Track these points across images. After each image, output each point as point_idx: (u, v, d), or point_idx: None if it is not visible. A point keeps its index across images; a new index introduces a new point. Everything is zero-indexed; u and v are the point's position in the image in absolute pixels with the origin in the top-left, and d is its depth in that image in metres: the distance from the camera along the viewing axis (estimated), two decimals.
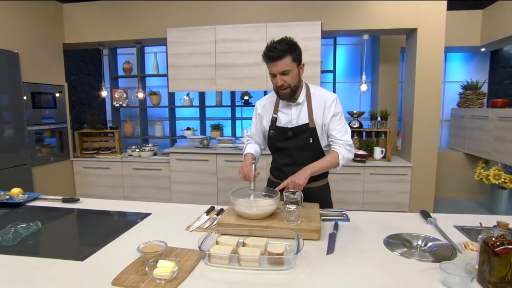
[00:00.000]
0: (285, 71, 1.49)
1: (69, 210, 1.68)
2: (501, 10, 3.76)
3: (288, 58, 1.48)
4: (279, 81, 1.52)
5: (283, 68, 1.49)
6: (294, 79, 1.54)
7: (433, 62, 3.29)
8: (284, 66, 1.48)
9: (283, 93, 1.56)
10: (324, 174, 1.74)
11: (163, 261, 1.01)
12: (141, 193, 4.00)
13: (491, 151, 3.61)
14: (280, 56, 1.46)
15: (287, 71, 1.50)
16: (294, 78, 1.53)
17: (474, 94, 4.21)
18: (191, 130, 4.82)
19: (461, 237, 1.33)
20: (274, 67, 1.50)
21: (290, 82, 1.52)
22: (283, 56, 1.47)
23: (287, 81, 1.52)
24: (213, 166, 3.77)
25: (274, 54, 1.47)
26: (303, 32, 3.47)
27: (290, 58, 1.48)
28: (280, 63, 1.48)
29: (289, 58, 1.48)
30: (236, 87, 3.75)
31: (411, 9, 3.26)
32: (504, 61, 4.31)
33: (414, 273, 1.06)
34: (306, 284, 0.99)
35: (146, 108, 5.04)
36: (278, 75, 1.51)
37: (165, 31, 3.74)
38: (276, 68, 1.49)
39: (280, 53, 1.46)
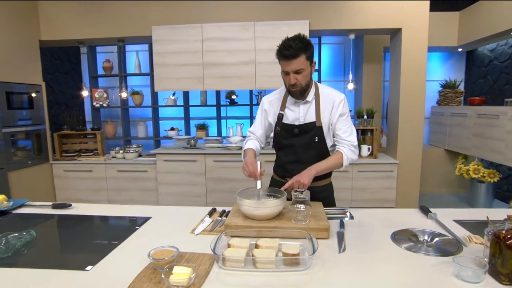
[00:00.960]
0: (299, 70, 1.49)
1: (63, 217, 1.59)
2: (476, 13, 3.94)
3: (302, 57, 1.47)
4: (292, 80, 1.51)
5: (298, 67, 1.48)
6: (306, 78, 1.54)
7: (417, 62, 3.39)
8: (299, 65, 1.47)
9: (295, 91, 1.56)
10: (327, 174, 1.74)
11: (178, 267, 0.97)
12: (126, 196, 3.87)
13: (471, 147, 3.77)
14: (295, 55, 1.45)
15: (301, 70, 1.49)
16: (306, 76, 1.53)
17: (453, 93, 4.39)
18: (176, 130, 4.72)
19: (462, 230, 1.37)
20: (288, 66, 1.49)
21: (302, 81, 1.52)
22: (298, 55, 1.45)
23: (299, 79, 1.51)
24: (201, 166, 3.71)
25: (289, 53, 1.45)
26: (291, 31, 3.41)
27: (304, 57, 1.47)
28: (294, 62, 1.47)
29: (303, 57, 1.47)
30: (223, 87, 3.70)
31: (395, 10, 3.34)
32: (479, 61, 4.51)
33: (427, 268, 1.08)
34: (325, 283, 0.98)
35: (128, 108, 4.88)
36: (291, 73, 1.50)
37: (149, 29, 3.63)
38: (290, 67, 1.48)
39: (295, 52, 1.45)
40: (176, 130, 4.74)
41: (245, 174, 1.52)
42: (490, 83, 4.25)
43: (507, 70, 3.95)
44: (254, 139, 1.76)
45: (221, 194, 3.72)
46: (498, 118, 3.30)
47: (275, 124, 1.71)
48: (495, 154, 3.37)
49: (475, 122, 3.69)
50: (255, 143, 1.73)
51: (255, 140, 1.76)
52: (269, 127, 1.75)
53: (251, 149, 1.67)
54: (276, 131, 1.70)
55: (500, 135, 3.28)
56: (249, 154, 1.64)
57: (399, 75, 3.48)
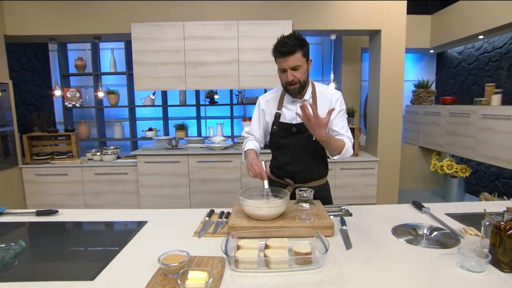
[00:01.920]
0: (296, 66, 1.50)
1: (51, 224, 1.48)
2: (446, 17, 4.15)
3: (299, 54, 1.48)
4: (289, 77, 1.51)
5: (294, 63, 1.49)
6: (304, 75, 1.55)
7: (395, 62, 3.52)
8: (295, 61, 1.48)
9: (293, 88, 1.56)
10: (324, 173, 1.76)
11: (193, 272, 0.94)
12: (105, 200, 3.71)
13: (444, 144, 3.98)
14: (291, 51, 1.46)
15: (298, 66, 1.50)
16: (303, 73, 1.54)
17: (426, 92, 4.60)
18: (154, 131, 4.60)
19: (456, 223, 1.44)
20: (285, 63, 1.49)
21: (300, 77, 1.53)
22: (294, 52, 1.46)
23: (297, 76, 1.52)
24: (184, 167, 3.63)
25: (286, 50, 1.46)
26: (274, 31, 3.49)
27: (301, 54, 1.49)
28: (291, 59, 1.47)
29: (299, 54, 1.48)
30: (206, 86, 3.65)
31: (376, 11, 3.45)
32: (449, 62, 4.77)
33: (432, 260, 1.12)
34: (341, 280, 0.99)
35: (103, 109, 4.68)
36: (288, 70, 1.51)
37: (128, 26, 3.50)
38: (287, 64, 1.49)
39: (292, 48, 1.46)
40: (154, 130, 4.62)
41: (250, 175, 1.50)
42: (459, 84, 4.50)
43: (474, 72, 4.20)
44: (253, 139, 1.75)
45: (205, 195, 3.66)
46: (469, 116, 3.50)
47: (272, 123, 1.70)
48: (466, 150, 3.58)
49: (448, 121, 3.89)
50: (255, 143, 1.71)
51: (254, 140, 1.74)
52: (267, 126, 1.74)
53: (252, 150, 1.66)
54: (273, 130, 1.69)
55: (471, 133, 3.48)
56: (252, 154, 1.63)
57: (378, 75, 3.60)
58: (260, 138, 1.76)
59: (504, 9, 3.19)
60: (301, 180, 1.70)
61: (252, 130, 1.77)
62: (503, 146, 3.08)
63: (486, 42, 3.99)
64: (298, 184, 1.69)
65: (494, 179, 3.93)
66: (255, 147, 1.69)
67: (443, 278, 1.01)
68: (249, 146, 1.68)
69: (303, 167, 1.68)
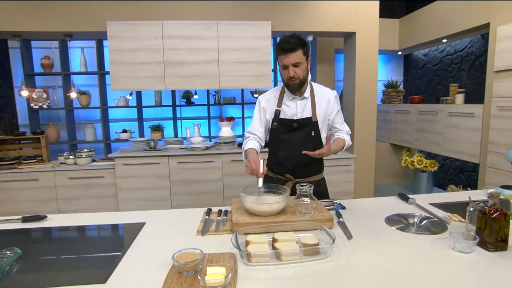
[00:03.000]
0: (297, 63, 1.60)
1: (43, 230, 1.41)
2: (413, 21, 4.42)
3: (299, 52, 1.59)
4: (291, 72, 1.61)
5: (296, 60, 1.59)
6: (304, 72, 1.65)
7: (369, 63, 3.70)
8: (297, 58, 1.59)
9: (293, 84, 1.65)
10: (321, 169, 1.84)
11: (211, 267, 0.95)
12: (80, 205, 3.55)
13: (413, 141, 4.23)
14: (293, 48, 1.57)
15: (299, 63, 1.60)
16: (304, 70, 1.64)
17: (395, 92, 4.86)
18: (128, 133, 4.48)
19: (440, 211, 1.56)
20: (287, 59, 1.59)
21: (300, 74, 1.63)
22: (296, 49, 1.58)
23: (297, 73, 1.62)
24: (164, 169, 3.56)
25: (288, 47, 1.57)
26: (254, 32, 3.53)
27: (301, 52, 1.60)
28: (293, 55, 1.58)
29: (300, 52, 1.59)
30: (186, 86, 3.60)
31: (351, 14, 3.60)
32: (415, 63, 5.07)
33: (426, 244, 1.21)
34: (350, 268, 1.05)
35: (73, 110, 4.48)
36: (290, 66, 1.60)
37: (103, 24, 3.37)
38: (289, 60, 1.59)
39: (294, 45, 1.57)
40: (129, 132, 4.49)
41: (247, 171, 1.53)
42: (425, 84, 4.81)
43: (439, 73, 4.51)
44: (254, 139, 1.79)
45: (187, 197, 3.62)
46: (437, 114, 3.76)
47: (272, 120, 1.77)
48: (434, 146, 3.84)
49: (417, 118, 4.15)
50: (255, 143, 1.76)
51: (254, 140, 1.79)
52: (268, 124, 1.81)
53: (253, 149, 1.71)
54: (273, 126, 1.76)
55: (438, 129, 3.74)
56: (253, 152, 1.68)
57: (354, 76, 3.75)
58: (261, 136, 1.81)
59: (464, 16, 3.47)
60: (300, 175, 1.77)
61: (254, 128, 1.81)
62: (467, 141, 3.35)
63: (448, 45, 4.30)
64: (297, 179, 1.76)
65: (458, 172, 4.24)
66: (256, 146, 1.74)
67: (439, 260, 1.10)
68: (250, 146, 1.73)
69: (303, 162, 1.75)
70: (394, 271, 1.02)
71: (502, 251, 1.14)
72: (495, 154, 2.96)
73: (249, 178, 3.56)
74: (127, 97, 4.23)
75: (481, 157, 3.17)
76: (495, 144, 2.97)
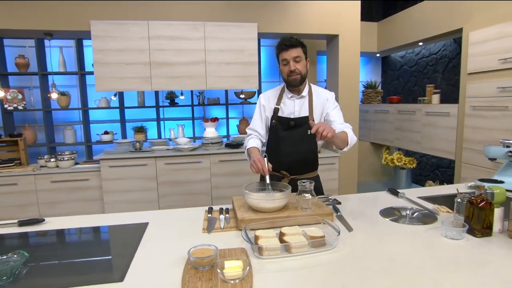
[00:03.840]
0: (297, 57, 1.69)
1: (45, 233, 1.38)
2: (390, 25, 4.63)
3: (299, 48, 1.69)
4: (292, 66, 1.69)
5: (296, 54, 1.68)
6: (304, 68, 1.73)
7: (352, 65, 3.84)
8: (297, 53, 1.68)
9: (294, 78, 1.72)
10: (316, 166, 1.91)
11: (229, 261, 0.98)
12: (63, 209, 3.44)
13: (393, 139, 4.43)
14: (294, 45, 1.67)
15: (299, 58, 1.69)
16: (304, 66, 1.73)
17: (374, 92, 5.06)
18: (110, 134, 4.38)
19: (429, 204, 1.67)
20: (288, 53, 1.68)
21: (301, 69, 1.71)
22: (295, 46, 1.68)
23: (298, 67, 1.70)
24: (152, 170, 3.53)
25: (289, 43, 1.67)
26: (241, 33, 3.57)
27: (301, 50, 1.69)
28: (293, 50, 1.68)
29: (300, 49, 1.69)
30: (173, 87, 3.59)
31: (334, 17, 3.72)
32: (392, 65, 5.30)
33: (420, 234, 1.31)
34: (356, 257, 1.11)
35: (51, 112, 4.33)
36: (291, 61, 1.68)
37: (87, 23, 3.30)
38: (290, 54, 1.68)
39: (294, 42, 1.67)
40: (111, 134, 4.40)
41: (253, 170, 1.58)
42: (402, 84, 5.03)
43: (415, 74, 4.74)
44: (255, 137, 1.85)
45: (175, 198, 3.60)
46: (415, 113, 3.96)
47: (271, 117, 1.83)
48: (413, 144, 4.03)
49: (396, 118, 4.34)
50: (257, 142, 1.82)
51: (256, 138, 1.84)
52: (268, 121, 1.87)
53: (255, 148, 1.76)
54: (272, 123, 1.82)
55: (417, 128, 3.94)
56: (255, 152, 1.73)
57: (337, 77, 3.88)
58: (262, 133, 1.87)
59: (439, 21, 3.68)
60: (296, 172, 1.83)
61: (255, 125, 1.87)
62: (444, 139, 3.55)
63: (423, 48, 4.54)
64: (293, 176, 1.82)
65: (434, 169, 4.48)
66: (257, 144, 1.79)
67: (434, 246, 1.19)
68: (251, 144, 1.78)
69: (299, 159, 1.81)
70: (396, 259, 1.10)
71: (488, 237, 1.26)
72: (470, 150, 3.17)
73: (239, 178, 3.61)
74: (112, 97, 4.14)
75: (457, 153, 3.38)
76: (469, 142, 3.17)
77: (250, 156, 1.71)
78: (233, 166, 3.64)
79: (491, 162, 2.83)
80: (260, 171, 1.55)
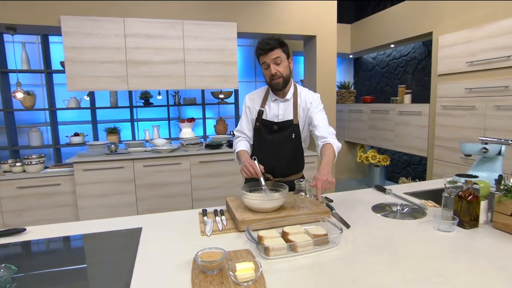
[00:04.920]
0: (277, 58, 1.62)
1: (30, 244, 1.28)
2: (363, 27, 4.80)
3: (278, 50, 1.62)
4: (272, 70, 1.63)
5: (276, 55, 1.62)
6: (286, 70, 1.67)
7: (329, 65, 3.93)
8: (276, 54, 1.62)
9: (276, 82, 1.67)
10: (301, 167, 1.91)
11: (240, 264, 0.97)
12: (33, 217, 3.21)
13: (367, 138, 4.59)
14: (271, 48, 1.61)
15: (278, 59, 1.63)
16: (285, 68, 1.67)
17: (347, 92, 5.22)
18: (81, 136, 4.17)
19: (416, 199, 1.74)
20: (267, 57, 1.62)
21: (282, 71, 1.65)
22: (274, 48, 1.61)
23: (279, 70, 1.64)
24: (129, 173, 3.39)
25: (267, 47, 1.60)
26: (220, 32, 3.54)
27: (281, 50, 1.63)
28: (272, 53, 1.62)
29: (279, 50, 1.63)
30: (151, 86, 3.48)
31: (312, 18, 3.79)
32: (364, 66, 5.49)
33: (414, 227, 1.36)
34: (359, 253, 1.14)
35: (13, 112, 4.03)
36: (271, 64, 1.63)
37: (56, 18, 3.11)
38: (269, 57, 1.62)
39: (272, 45, 1.60)
40: (82, 135, 4.19)
41: (244, 175, 1.56)
42: (374, 85, 5.24)
43: (386, 75, 4.95)
44: (244, 139, 1.81)
45: (154, 201, 3.48)
46: (388, 113, 4.13)
47: (255, 119, 1.79)
48: (386, 142, 4.21)
49: (370, 117, 4.51)
50: (245, 144, 1.78)
51: (244, 140, 1.81)
52: (253, 122, 1.82)
53: (245, 151, 1.73)
54: (256, 126, 1.79)
55: (390, 127, 4.11)
56: (245, 155, 1.70)
57: (314, 78, 3.96)
58: (249, 135, 1.83)
59: (410, 25, 3.87)
60: (280, 174, 1.82)
61: (242, 127, 1.84)
62: (416, 137, 3.74)
63: (394, 50, 4.75)
64: (277, 178, 1.81)
65: (406, 166, 4.70)
66: (246, 147, 1.76)
67: (429, 239, 1.25)
68: (240, 147, 1.75)
69: (283, 162, 1.80)
70: (397, 252, 1.14)
71: (475, 228, 1.34)
72: (441, 147, 3.36)
73: (220, 178, 3.56)
74: (85, 97, 3.93)
75: (429, 151, 3.57)
76: (440, 139, 3.37)
77: (240, 159, 1.69)
78: (214, 167, 3.59)
79: (460, 158, 3.02)
80: (253, 175, 1.54)
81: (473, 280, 0.96)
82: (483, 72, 2.91)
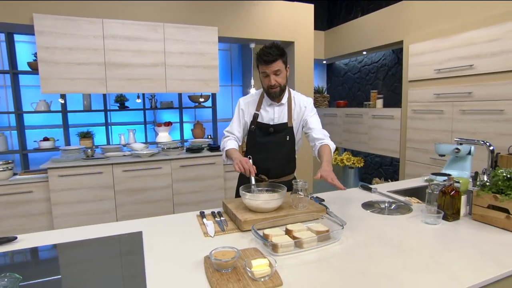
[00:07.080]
0: (277, 71, 1.69)
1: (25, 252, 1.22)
2: (338, 34, 5.00)
3: (280, 61, 1.69)
4: (272, 81, 1.70)
5: (277, 67, 1.68)
6: (284, 79, 1.75)
7: (306, 71, 4.06)
8: (277, 67, 1.69)
9: (274, 91, 1.74)
10: (293, 169, 1.98)
11: (255, 260, 1.00)
12: (2, 227, 3.01)
13: (342, 141, 4.78)
14: (274, 59, 1.66)
15: (279, 71, 1.70)
16: (284, 78, 1.75)
17: (321, 97, 5.40)
18: (51, 141, 3.97)
19: (400, 197, 1.86)
20: (268, 68, 1.68)
21: (280, 82, 1.73)
22: (276, 60, 1.67)
23: (278, 81, 1.72)
24: (108, 178, 3.28)
25: (269, 58, 1.66)
26: (201, 36, 3.54)
27: (281, 61, 1.70)
28: (273, 65, 1.68)
29: (280, 61, 1.69)
30: (132, 89, 3.40)
31: (290, 24, 3.90)
32: (337, 71, 5.72)
33: (403, 222, 1.47)
34: (361, 245, 1.22)
35: None
36: (271, 75, 1.69)
37: (28, 16, 2.96)
38: (270, 69, 1.68)
39: (274, 57, 1.66)
40: (52, 140, 3.99)
41: (237, 170, 1.60)
42: (347, 90, 5.47)
43: (358, 80, 5.19)
44: (233, 139, 1.85)
45: (134, 206, 3.39)
46: (362, 117, 4.33)
47: (250, 123, 1.83)
48: (361, 145, 4.41)
49: (344, 121, 4.70)
50: (235, 143, 1.81)
51: (233, 140, 1.84)
52: (246, 125, 1.87)
53: (235, 149, 1.77)
54: (251, 129, 1.84)
55: (364, 130, 4.32)
56: (237, 153, 1.74)
57: (293, 83, 4.07)
58: (239, 136, 1.88)
59: (382, 34, 4.10)
60: (274, 175, 1.88)
61: (232, 128, 1.88)
62: (388, 139, 3.96)
63: (366, 57, 5.00)
64: (271, 179, 1.86)
65: (378, 167, 4.94)
66: (236, 146, 1.80)
67: (419, 231, 1.36)
68: (230, 145, 1.79)
69: (277, 164, 1.86)
70: (394, 245, 1.23)
71: (457, 220, 1.47)
72: (412, 149, 3.59)
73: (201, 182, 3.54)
74: (59, 100, 3.75)
75: (401, 152, 3.80)
76: (412, 141, 3.60)
77: (232, 157, 1.73)
78: (195, 171, 3.57)
79: (430, 158, 3.25)
80: (246, 172, 1.58)
81: (466, 264, 1.06)
82: (449, 79, 3.17)
